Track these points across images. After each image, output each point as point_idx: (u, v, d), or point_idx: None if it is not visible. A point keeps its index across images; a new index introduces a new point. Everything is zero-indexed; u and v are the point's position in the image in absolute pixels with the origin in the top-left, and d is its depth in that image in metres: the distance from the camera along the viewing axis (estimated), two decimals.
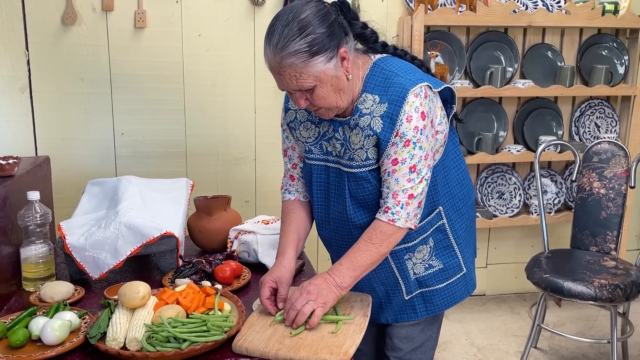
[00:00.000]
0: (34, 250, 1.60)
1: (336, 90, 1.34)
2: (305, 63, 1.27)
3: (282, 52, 1.26)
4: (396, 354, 1.62)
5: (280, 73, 1.30)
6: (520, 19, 2.91)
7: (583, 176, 2.73)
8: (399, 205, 1.38)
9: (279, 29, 1.26)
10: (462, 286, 1.60)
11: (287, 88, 1.34)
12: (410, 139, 1.34)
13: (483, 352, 2.85)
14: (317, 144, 1.50)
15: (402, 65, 1.41)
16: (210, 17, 2.72)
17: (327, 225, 1.56)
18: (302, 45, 1.25)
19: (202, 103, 2.80)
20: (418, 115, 1.34)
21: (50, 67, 2.62)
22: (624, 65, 3.18)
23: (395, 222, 1.38)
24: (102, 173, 2.68)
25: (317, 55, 1.27)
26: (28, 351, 1.27)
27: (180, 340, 1.24)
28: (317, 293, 1.36)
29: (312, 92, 1.32)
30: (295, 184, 1.61)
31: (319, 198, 1.54)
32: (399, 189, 1.37)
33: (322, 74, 1.29)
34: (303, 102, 1.35)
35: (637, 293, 2.39)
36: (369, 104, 1.38)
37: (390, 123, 1.35)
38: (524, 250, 3.41)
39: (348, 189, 1.45)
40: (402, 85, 1.35)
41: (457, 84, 2.94)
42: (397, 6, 2.93)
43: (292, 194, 1.62)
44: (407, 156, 1.35)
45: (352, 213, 1.47)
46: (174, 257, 1.74)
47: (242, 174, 2.92)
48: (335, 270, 1.41)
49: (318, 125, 1.48)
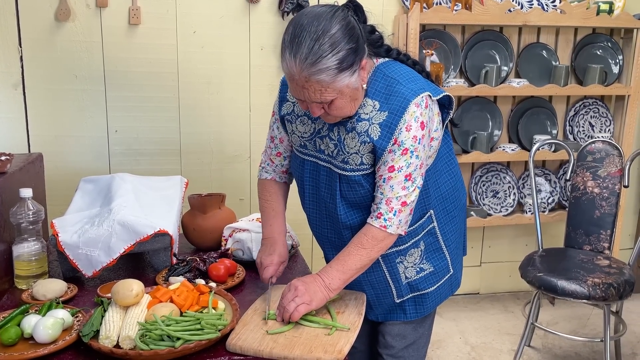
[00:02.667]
0: (26, 247, 1.59)
1: (352, 100, 1.33)
2: (332, 79, 1.25)
3: (312, 68, 1.23)
4: (389, 351, 1.62)
5: (305, 87, 1.27)
6: (515, 18, 2.91)
7: (577, 175, 2.73)
8: (391, 212, 1.38)
9: (307, 42, 1.22)
10: (447, 286, 1.62)
11: (307, 99, 1.31)
12: (408, 148, 1.34)
13: (477, 350, 2.85)
14: (312, 140, 1.49)
15: (405, 72, 1.40)
16: (205, 14, 2.71)
17: (318, 220, 1.57)
18: (333, 63, 1.24)
19: (196, 101, 2.79)
20: (418, 125, 1.34)
21: (43, 64, 2.60)
22: (618, 65, 3.19)
23: (387, 229, 1.39)
24: (95, 170, 2.66)
25: (345, 71, 1.26)
26: (20, 349, 1.26)
27: (174, 338, 1.23)
28: (304, 290, 1.38)
29: (331, 104, 1.31)
30: (274, 167, 1.66)
31: (310, 194, 1.54)
32: (393, 196, 1.37)
33: (345, 88, 1.29)
34: (318, 112, 1.34)
35: (630, 292, 2.40)
36: (369, 109, 1.37)
37: (389, 132, 1.35)
38: (518, 249, 3.42)
39: (340, 190, 1.45)
40: (404, 95, 1.34)
41: (452, 83, 2.94)
42: (393, 4, 2.93)
43: (269, 174, 1.67)
44: (404, 164, 1.35)
45: (343, 214, 1.48)
46: (167, 255, 1.73)
47: (237, 172, 2.91)
48: (325, 271, 1.42)
49: (314, 122, 1.48)
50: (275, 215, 1.63)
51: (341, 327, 1.36)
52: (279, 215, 1.64)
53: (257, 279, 1.70)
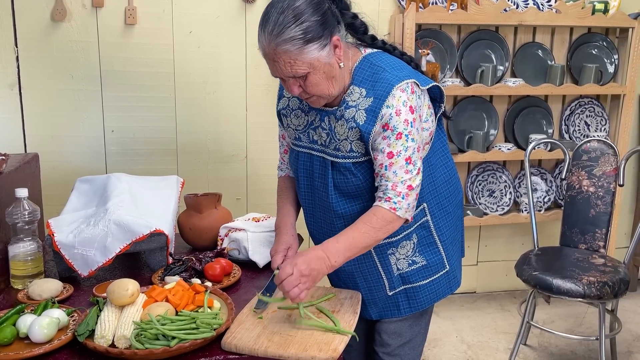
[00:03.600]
0: (22, 247, 1.59)
1: (328, 78, 1.37)
2: (299, 50, 1.30)
3: (277, 38, 1.29)
4: (385, 349, 1.63)
5: (275, 59, 1.33)
6: (511, 18, 2.92)
7: (572, 174, 2.74)
8: (399, 195, 1.39)
9: (273, 16, 1.30)
10: (444, 283, 1.62)
11: (281, 74, 1.37)
12: (402, 132, 1.37)
13: (473, 349, 2.86)
14: (305, 132, 1.53)
15: (391, 61, 1.43)
16: (201, 14, 2.72)
17: (312, 212, 1.60)
18: (296, 33, 1.29)
19: (193, 100, 2.79)
20: (407, 109, 1.36)
21: (39, 64, 2.60)
22: (613, 64, 3.20)
23: (397, 211, 1.40)
24: (91, 170, 2.66)
25: (311, 43, 1.31)
26: (16, 349, 1.26)
27: (169, 337, 1.24)
28: (308, 274, 1.34)
29: (306, 79, 1.35)
30: (286, 165, 1.74)
31: (305, 185, 1.58)
32: (398, 180, 1.39)
33: (316, 61, 1.33)
34: (296, 89, 1.38)
35: (625, 290, 2.41)
36: (356, 96, 1.41)
37: (373, 116, 1.38)
38: (514, 248, 3.43)
39: (332, 178, 1.48)
40: (388, 81, 1.37)
41: (448, 82, 2.95)
42: (389, 4, 2.93)
43: (283, 171, 1.75)
44: (402, 148, 1.38)
45: (335, 202, 1.50)
46: (163, 255, 1.74)
47: (233, 172, 2.91)
48: (332, 248, 1.38)
49: (307, 114, 1.52)
50: (282, 207, 1.67)
51: (345, 332, 1.34)
52: (284, 206, 1.67)
53: (253, 278, 1.70)
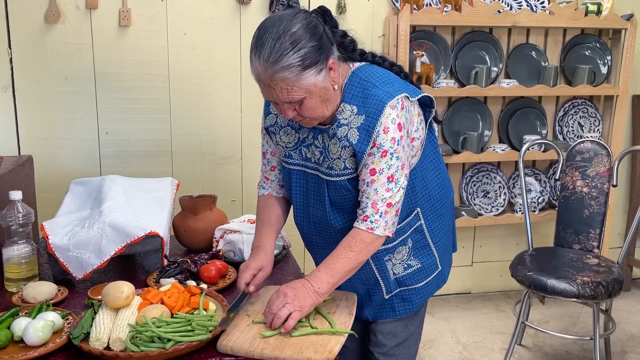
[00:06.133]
0: (16, 250, 1.59)
1: (324, 101, 1.35)
2: (297, 77, 1.27)
3: (275, 66, 1.26)
4: (380, 349, 1.64)
5: (271, 86, 1.30)
6: (504, 19, 2.93)
7: (566, 175, 2.76)
8: (377, 213, 1.38)
9: (269, 42, 1.26)
10: (435, 282, 1.63)
11: (276, 100, 1.33)
12: (387, 150, 1.35)
13: (468, 349, 2.87)
14: (297, 150, 1.51)
15: (380, 75, 1.41)
16: (195, 15, 2.71)
17: (307, 227, 1.58)
18: (294, 60, 1.25)
19: (187, 102, 2.79)
20: (395, 127, 1.35)
21: (33, 66, 2.59)
22: (606, 65, 3.22)
23: (374, 231, 1.39)
24: (86, 172, 2.65)
25: (309, 69, 1.28)
26: (10, 352, 1.26)
27: (165, 340, 1.24)
28: (293, 296, 1.36)
29: (301, 104, 1.32)
30: (270, 183, 1.65)
31: (299, 202, 1.56)
32: (378, 198, 1.38)
33: (313, 86, 1.30)
34: (291, 113, 1.35)
35: (619, 290, 2.42)
36: (347, 114, 1.39)
37: (367, 135, 1.36)
38: (509, 249, 3.44)
39: (328, 195, 1.47)
40: (379, 98, 1.35)
41: (442, 84, 2.96)
42: (383, 6, 2.94)
43: (266, 190, 1.66)
44: (385, 166, 1.36)
45: (332, 218, 1.49)
46: (158, 257, 1.73)
47: (228, 174, 2.91)
48: (313, 276, 1.40)
49: (298, 131, 1.49)
50: (262, 227, 1.61)
51: (343, 332, 1.35)
52: (265, 226, 1.61)
53: None
